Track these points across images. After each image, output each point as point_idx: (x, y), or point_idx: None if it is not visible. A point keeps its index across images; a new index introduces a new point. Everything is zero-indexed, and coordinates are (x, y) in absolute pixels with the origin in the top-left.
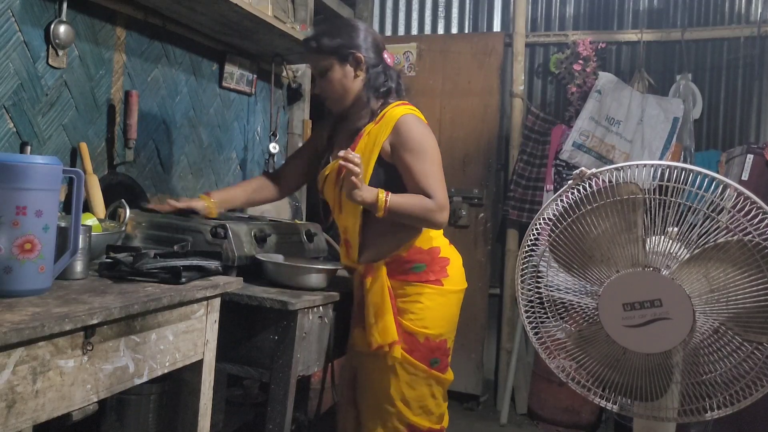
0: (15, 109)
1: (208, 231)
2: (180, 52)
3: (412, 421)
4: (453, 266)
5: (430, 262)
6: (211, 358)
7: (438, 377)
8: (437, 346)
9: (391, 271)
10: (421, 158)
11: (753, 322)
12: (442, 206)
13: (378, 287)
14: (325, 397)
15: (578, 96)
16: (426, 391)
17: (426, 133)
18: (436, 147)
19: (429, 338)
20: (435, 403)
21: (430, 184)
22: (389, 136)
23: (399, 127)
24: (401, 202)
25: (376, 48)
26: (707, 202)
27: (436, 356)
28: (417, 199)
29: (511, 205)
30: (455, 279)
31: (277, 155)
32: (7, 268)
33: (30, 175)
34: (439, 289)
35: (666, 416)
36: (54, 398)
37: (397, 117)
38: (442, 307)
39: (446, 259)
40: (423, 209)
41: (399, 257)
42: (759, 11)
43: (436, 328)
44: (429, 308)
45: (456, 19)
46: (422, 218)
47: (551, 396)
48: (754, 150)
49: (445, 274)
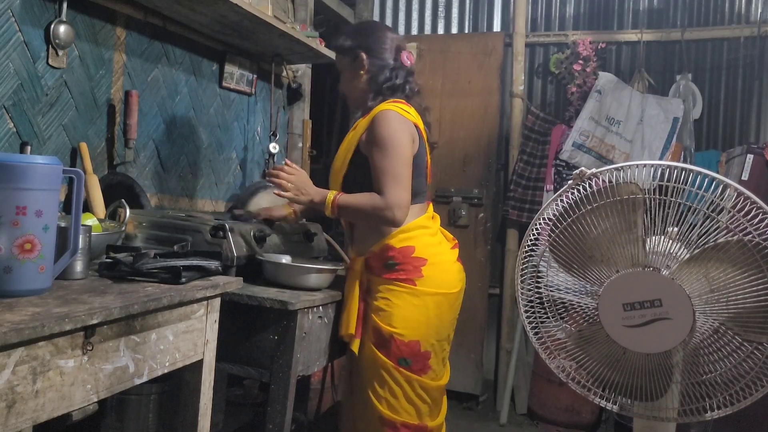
0: (15, 109)
1: (207, 231)
2: (180, 52)
3: (383, 414)
4: (432, 268)
5: (401, 261)
6: (211, 358)
7: (409, 377)
8: (406, 346)
9: (371, 268)
10: (383, 154)
11: (753, 322)
12: (390, 204)
13: (350, 279)
14: (325, 397)
15: (578, 96)
16: (396, 390)
17: (398, 128)
18: (406, 144)
19: (395, 337)
20: (409, 404)
21: (382, 180)
22: (366, 130)
23: (374, 121)
24: (350, 202)
25: (390, 49)
26: (707, 202)
27: (405, 357)
28: (366, 197)
29: (511, 205)
30: (433, 281)
31: (277, 155)
32: (7, 268)
33: (30, 175)
34: (411, 288)
35: (666, 416)
36: (54, 398)
37: (377, 112)
38: (414, 307)
39: (422, 259)
40: (371, 207)
41: (373, 254)
42: (759, 11)
43: (405, 329)
44: (397, 306)
45: (456, 19)
46: (372, 216)
47: (551, 396)
48: (754, 150)
49: (419, 275)
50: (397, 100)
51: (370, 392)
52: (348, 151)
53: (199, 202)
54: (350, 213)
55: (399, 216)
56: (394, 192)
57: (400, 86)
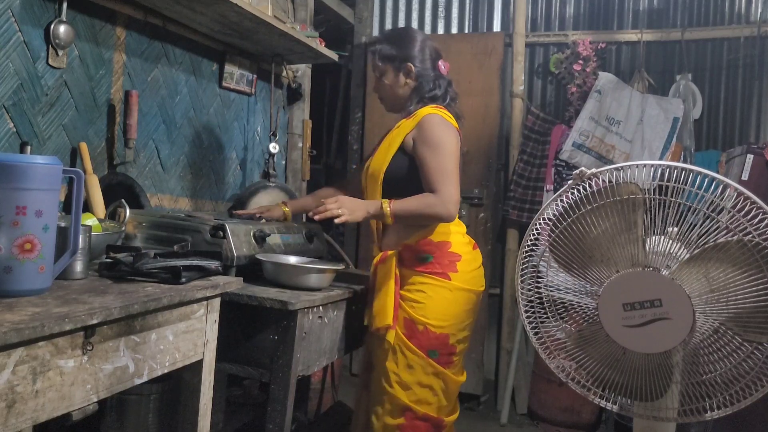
0: (15, 109)
1: (207, 231)
2: (180, 52)
3: (407, 404)
4: (465, 264)
5: (437, 255)
6: (211, 358)
7: (437, 369)
8: (437, 339)
9: (404, 260)
10: (435, 153)
11: (753, 322)
12: (446, 200)
13: (384, 272)
14: (325, 397)
15: (578, 96)
16: (424, 380)
17: (446, 131)
18: (454, 145)
19: (428, 328)
20: (433, 396)
21: (438, 179)
22: (412, 131)
23: (422, 123)
24: (404, 206)
25: (431, 58)
26: (707, 202)
27: (435, 348)
28: (418, 199)
29: (511, 205)
30: (466, 277)
31: (277, 155)
32: (7, 268)
33: (30, 175)
34: (446, 282)
35: (666, 416)
36: (54, 398)
37: (423, 114)
38: (447, 301)
39: (457, 255)
40: (425, 206)
41: (410, 247)
42: (759, 11)
43: (437, 320)
44: (431, 298)
45: (456, 19)
46: (428, 215)
47: (551, 396)
48: (754, 150)
49: (454, 270)
50: (438, 105)
51: (396, 383)
52: (389, 151)
53: (199, 202)
54: (407, 217)
55: (453, 211)
56: (448, 189)
57: (441, 96)
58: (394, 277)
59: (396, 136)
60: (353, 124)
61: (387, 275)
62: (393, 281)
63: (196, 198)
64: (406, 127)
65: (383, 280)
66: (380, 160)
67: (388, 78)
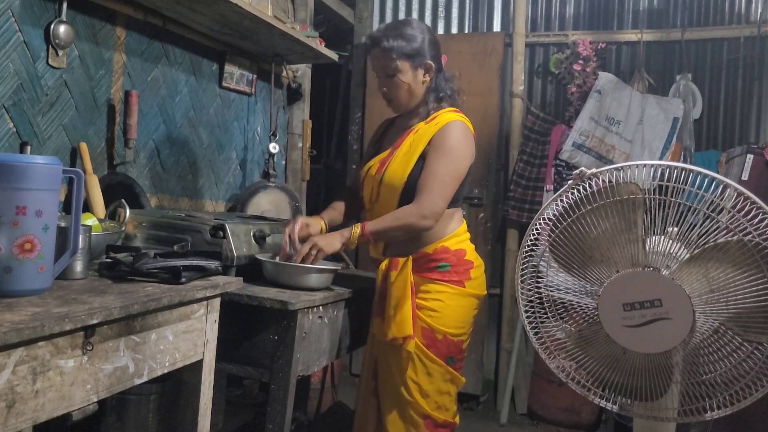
0: (15, 109)
1: (207, 231)
2: (180, 52)
3: (428, 412)
4: (476, 271)
5: (455, 263)
6: (211, 358)
7: (453, 375)
8: (455, 345)
9: (417, 268)
10: (441, 160)
11: (753, 322)
12: (423, 207)
13: (401, 281)
14: (325, 397)
15: (578, 96)
16: (443, 387)
17: (463, 143)
18: (466, 157)
19: (447, 336)
20: (450, 402)
21: (428, 183)
22: (434, 135)
23: (445, 129)
24: (378, 225)
25: (438, 53)
26: (707, 202)
27: (453, 355)
28: (392, 215)
29: (511, 205)
30: (477, 283)
31: (277, 155)
32: (7, 268)
33: (30, 175)
34: (461, 290)
35: (666, 416)
36: (54, 398)
37: (448, 121)
38: (462, 308)
39: (471, 262)
40: (395, 219)
41: (425, 254)
42: (759, 11)
43: (455, 327)
44: (449, 307)
45: (456, 19)
46: (401, 227)
47: (551, 396)
48: (754, 150)
49: (468, 277)
50: (455, 109)
51: (416, 392)
52: (410, 158)
53: (199, 202)
54: (385, 235)
55: (430, 221)
56: (430, 196)
57: (450, 96)
58: (411, 285)
59: (416, 142)
60: (353, 124)
61: (404, 284)
62: (410, 290)
63: (196, 198)
64: (427, 132)
65: (400, 290)
66: (400, 168)
67: (406, 76)
